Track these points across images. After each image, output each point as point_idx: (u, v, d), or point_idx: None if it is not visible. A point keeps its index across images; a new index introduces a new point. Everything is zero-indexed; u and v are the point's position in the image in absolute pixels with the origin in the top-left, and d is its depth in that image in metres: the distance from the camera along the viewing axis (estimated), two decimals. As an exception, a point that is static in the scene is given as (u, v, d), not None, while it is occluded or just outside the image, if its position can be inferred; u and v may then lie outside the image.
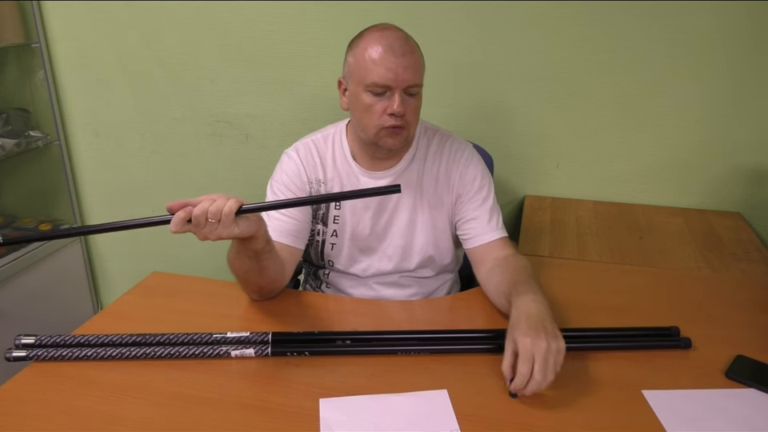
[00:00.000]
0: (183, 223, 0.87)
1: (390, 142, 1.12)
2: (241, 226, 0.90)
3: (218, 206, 0.88)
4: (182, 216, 0.87)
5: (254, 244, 0.98)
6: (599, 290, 1.22)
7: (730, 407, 0.86)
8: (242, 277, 1.08)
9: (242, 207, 0.90)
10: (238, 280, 1.10)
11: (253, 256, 1.01)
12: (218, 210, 0.87)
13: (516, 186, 1.80)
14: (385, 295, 1.27)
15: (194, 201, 0.88)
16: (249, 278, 1.07)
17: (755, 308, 1.15)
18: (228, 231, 0.89)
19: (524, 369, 0.84)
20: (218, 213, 0.87)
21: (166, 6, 1.82)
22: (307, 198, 1.17)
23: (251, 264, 1.03)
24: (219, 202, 0.88)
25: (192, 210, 0.87)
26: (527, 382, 0.84)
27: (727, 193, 1.66)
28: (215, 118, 1.93)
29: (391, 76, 1.07)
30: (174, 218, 0.87)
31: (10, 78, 2.02)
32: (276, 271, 1.09)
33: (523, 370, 0.84)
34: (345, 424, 0.82)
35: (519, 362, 0.85)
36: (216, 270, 1.97)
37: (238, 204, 0.89)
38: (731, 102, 1.58)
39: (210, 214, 0.87)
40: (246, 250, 1.00)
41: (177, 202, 0.88)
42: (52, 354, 0.94)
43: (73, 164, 2.13)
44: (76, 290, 2.23)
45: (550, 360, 0.85)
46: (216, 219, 0.88)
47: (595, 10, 1.56)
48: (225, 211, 0.88)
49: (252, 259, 1.01)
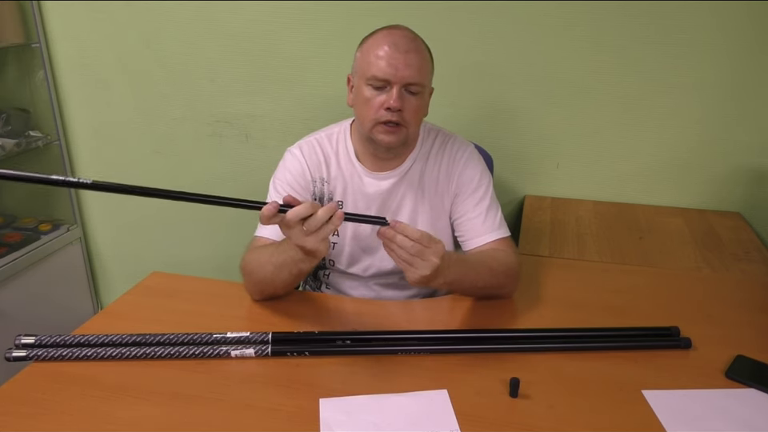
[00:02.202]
0: (274, 215, 0.87)
1: (384, 138, 1.12)
2: (325, 243, 0.92)
3: (320, 221, 0.88)
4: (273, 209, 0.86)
5: (308, 264, 0.99)
6: (599, 290, 1.22)
7: (729, 407, 0.86)
8: (263, 284, 1.08)
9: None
10: (255, 285, 1.10)
11: (297, 273, 1.03)
12: (318, 225, 0.88)
13: (516, 185, 1.80)
14: (385, 296, 1.27)
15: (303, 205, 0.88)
16: (271, 286, 1.08)
17: (755, 308, 1.15)
18: (314, 246, 0.91)
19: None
20: (315, 227, 0.88)
21: (165, 5, 1.82)
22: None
23: (286, 278, 1.05)
24: (322, 216, 0.88)
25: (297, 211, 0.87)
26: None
27: (727, 193, 1.66)
28: (215, 118, 1.93)
29: (391, 71, 1.07)
30: (268, 206, 0.86)
31: (10, 77, 2.03)
32: (297, 284, 1.11)
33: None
34: (345, 424, 0.82)
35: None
36: (216, 270, 1.98)
37: (341, 222, 0.90)
38: (731, 102, 1.58)
39: (308, 226, 0.88)
40: (293, 267, 1.01)
41: (294, 198, 0.89)
42: (52, 354, 0.94)
43: (73, 164, 2.13)
44: (76, 290, 2.22)
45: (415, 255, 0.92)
46: (311, 231, 0.89)
47: (596, 10, 1.56)
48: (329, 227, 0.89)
49: (293, 275, 1.04)
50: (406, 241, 0.91)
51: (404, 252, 0.92)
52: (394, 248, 0.93)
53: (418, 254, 0.92)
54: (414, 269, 0.93)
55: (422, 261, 0.93)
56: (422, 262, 0.93)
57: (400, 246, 0.92)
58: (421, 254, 0.92)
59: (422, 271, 0.93)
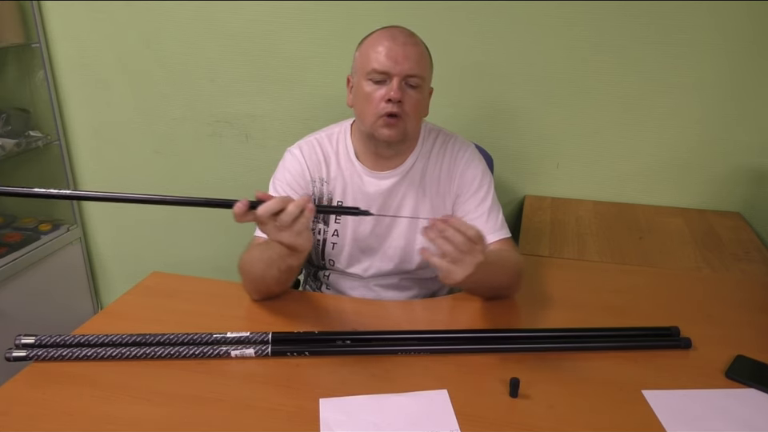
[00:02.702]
0: (245, 212, 0.87)
1: (386, 132, 1.12)
2: (303, 237, 0.91)
3: (291, 215, 0.87)
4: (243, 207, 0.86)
5: (294, 260, 0.98)
6: (599, 290, 1.22)
7: (729, 407, 0.86)
8: (257, 282, 1.08)
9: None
10: (250, 283, 1.10)
11: (285, 269, 1.02)
12: (290, 220, 0.87)
13: (516, 185, 1.80)
14: (385, 297, 1.27)
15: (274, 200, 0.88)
16: (265, 284, 1.08)
17: (755, 308, 1.15)
18: (290, 240, 0.90)
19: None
20: (288, 222, 0.88)
21: (166, 5, 1.82)
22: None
23: (277, 275, 1.04)
24: (293, 211, 0.87)
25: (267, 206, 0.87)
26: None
27: (727, 193, 1.66)
28: (215, 118, 1.93)
29: (390, 63, 1.08)
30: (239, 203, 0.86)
31: (10, 77, 2.03)
32: (291, 281, 1.10)
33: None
34: (345, 424, 0.82)
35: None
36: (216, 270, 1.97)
37: (312, 215, 0.89)
38: (731, 102, 1.58)
39: (281, 222, 0.88)
40: (281, 263, 1.00)
41: (265, 194, 0.89)
42: (52, 354, 0.94)
43: (73, 164, 2.13)
44: (76, 290, 2.23)
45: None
46: (285, 226, 0.88)
47: (596, 10, 1.56)
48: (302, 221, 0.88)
49: (282, 271, 1.03)
50: (458, 236, 0.86)
51: (453, 249, 0.86)
52: (440, 243, 0.87)
53: (469, 252, 0.87)
54: (457, 267, 0.87)
55: (471, 258, 0.87)
56: (470, 259, 0.87)
57: (450, 242, 0.86)
58: (471, 252, 0.87)
59: (467, 270, 0.87)
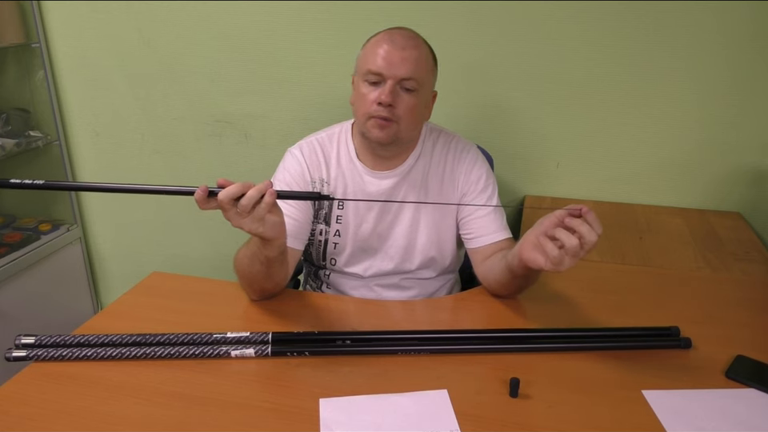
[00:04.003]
0: (206, 199, 0.87)
1: (375, 133, 1.12)
2: (266, 225, 0.90)
3: (251, 199, 0.86)
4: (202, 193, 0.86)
5: (269, 250, 0.97)
6: (599, 290, 1.21)
7: (729, 407, 0.86)
8: (248, 279, 1.08)
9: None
10: (242, 281, 1.10)
11: (265, 261, 1.01)
12: (249, 204, 0.86)
13: (516, 185, 1.80)
14: (386, 297, 1.27)
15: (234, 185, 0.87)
16: (255, 280, 1.07)
17: (755, 308, 1.15)
18: (252, 227, 0.89)
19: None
20: (248, 206, 0.86)
21: (166, 5, 1.82)
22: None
23: (261, 269, 1.03)
24: (252, 195, 0.86)
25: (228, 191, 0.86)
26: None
27: (727, 193, 1.66)
28: (215, 118, 1.93)
29: (384, 65, 1.08)
30: (199, 190, 0.86)
31: (10, 78, 2.02)
32: (282, 277, 1.10)
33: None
34: (345, 424, 0.82)
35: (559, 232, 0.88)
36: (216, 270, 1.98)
37: (273, 200, 0.87)
38: (731, 102, 1.58)
39: (241, 207, 0.87)
40: (260, 255, 1.00)
41: (227, 180, 0.88)
42: (52, 354, 0.94)
43: (73, 164, 2.13)
44: (76, 290, 2.23)
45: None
46: (245, 211, 0.87)
47: (595, 10, 1.56)
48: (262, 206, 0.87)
49: (263, 265, 1.02)
50: (593, 234, 0.86)
51: (577, 245, 0.86)
52: (564, 236, 0.87)
53: (588, 251, 0.87)
54: (569, 259, 0.88)
55: (583, 254, 0.88)
56: (582, 255, 0.88)
57: (582, 236, 0.86)
58: (587, 251, 0.87)
59: (573, 263, 0.89)
